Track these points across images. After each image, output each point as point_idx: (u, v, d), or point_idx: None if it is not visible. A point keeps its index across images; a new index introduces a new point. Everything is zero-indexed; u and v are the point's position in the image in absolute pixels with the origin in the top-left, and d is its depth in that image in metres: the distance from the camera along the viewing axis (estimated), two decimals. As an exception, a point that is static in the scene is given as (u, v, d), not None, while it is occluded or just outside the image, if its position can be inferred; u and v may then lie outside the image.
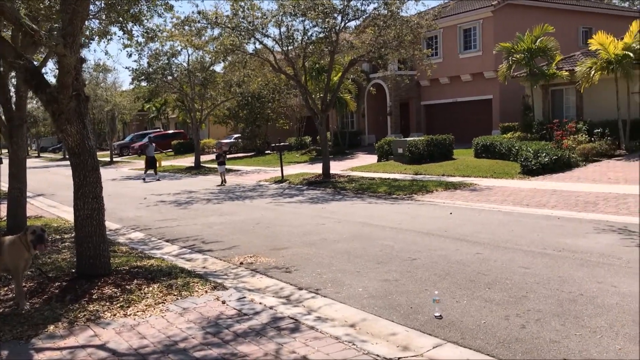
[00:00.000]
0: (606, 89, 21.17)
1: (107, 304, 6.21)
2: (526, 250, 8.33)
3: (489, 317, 5.56)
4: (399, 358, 4.73)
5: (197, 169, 29.95)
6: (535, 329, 5.22)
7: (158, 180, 24.48)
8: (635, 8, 31.79)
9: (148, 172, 25.76)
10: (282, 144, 23.93)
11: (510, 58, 24.15)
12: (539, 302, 5.92)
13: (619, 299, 5.92)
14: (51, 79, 13.46)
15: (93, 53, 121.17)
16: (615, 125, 20.57)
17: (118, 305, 6.18)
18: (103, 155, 48.59)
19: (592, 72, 20.21)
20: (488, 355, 4.73)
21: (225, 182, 21.78)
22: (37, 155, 65.65)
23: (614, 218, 10.79)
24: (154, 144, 27.23)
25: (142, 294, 6.56)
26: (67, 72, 6.16)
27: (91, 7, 12.67)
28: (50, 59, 12.30)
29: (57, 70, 6.59)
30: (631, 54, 19.57)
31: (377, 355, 4.77)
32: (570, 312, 5.58)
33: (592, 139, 20.21)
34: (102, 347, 5.12)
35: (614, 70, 19.95)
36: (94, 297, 6.41)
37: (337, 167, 24.30)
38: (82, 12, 5.93)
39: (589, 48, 21.75)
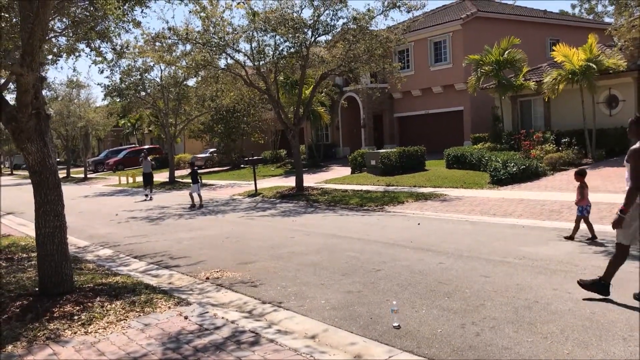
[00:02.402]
0: (572, 99, 21.68)
1: (68, 322, 6.19)
2: (488, 259, 8.49)
3: (446, 326, 5.68)
4: (354, 368, 4.81)
5: (172, 184, 29.83)
6: (490, 336, 5.34)
7: (150, 199, 22.54)
8: (600, 20, 32.62)
9: (147, 187, 23.73)
10: (255, 157, 23.89)
11: (479, 70, 24.60)
12: (495, 310, 6.05)
13: (572, 304, 6.08)
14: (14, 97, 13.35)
15: (60, 70, 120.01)
16: (581, 134, 21.04)
17: (79, 323, 6.16)
18: (77, 172, 48.16)
19: (557, 83, 20.70)
20: (441, 363, 4.84)
21: (201, 203, 18.71)
22: (10, 172, 64.71)
23: (576, 226, 11.01)
24: (149, 159, 25.03)
25: (104, 311, 6.55)
26: (26, 91, 6.18)
27: (58, 24, 12.69)
28: (11, 79, 12.24)
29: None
30: (594, 66, 20.07)
31: (333, 366, 4.84)
32: (525, 319, 5.72)
33: (560, 148, 20.63)
34: (59, 365, 5.11)
35: (579, 82, 20.45)
36: (55, 315, 6.39)
37: (311, 180, 24.42)
38: (40, 32, 5.97)
39: (555, 60, 22.27)
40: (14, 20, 9.63)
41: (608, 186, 15.48)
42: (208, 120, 36.74)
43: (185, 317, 6.34)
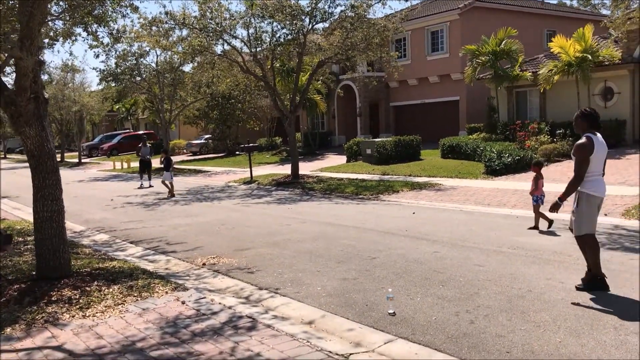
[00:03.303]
0: (568, 91, 21.75)
1: (66, 305, 6.25)
2: (482, 248, 8.58)
3: (440, 314, 5.76)
4: (350, 354, 4.88)
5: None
6: (483, 324, 5.43)
7: (151, 186, 21.64)
8: (597, 12, 32.63)
9: (144, 176, 22.69)
10: (250, 144, 23.87)
11: (475, 60, 24.61)
12: (489, 299, 6.13)
13: (565, 294, 6.17)
14: (12, 81, 13.32)
15: (57, 54, 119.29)
16: (576, 126, 21.10)
17: (77, 306, 6.22)
18: (71, 157, 48.00)
19: (552, 74, 20.75)
20: (436, 349, 4.91)
21: (172, 192, 18.08)
22: (3, 156, 64.42)
23: (569, 217, 11.10)
24: (149, 145, 23.81)
25: (101, 295, 6.60)
26: (25, 75, 6.18)
27: (55, 7, 12.61)
28: (9, 63, 12.20)
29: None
30: (589, 57, 20.13)
31: (330, 352, 4.91)
32: (518, 308, 5.80)
33: (555, 139, 20.71)
34: (58, 348, 5.17)
35: (575, 73, 20.51)
36: (53, 299, 6.44)
37: (307, 168, 24.46)
38: (39, 15, 5.96)
39: (551, 51, 22.31)
40: (11, 2, 9.59)
41: (602, 178, 15.58)
42: (203, 107, 36.66)
43: (183, 302, 6.40)
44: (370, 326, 5.55)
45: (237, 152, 36.82)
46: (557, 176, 16.71)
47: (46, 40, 13.74)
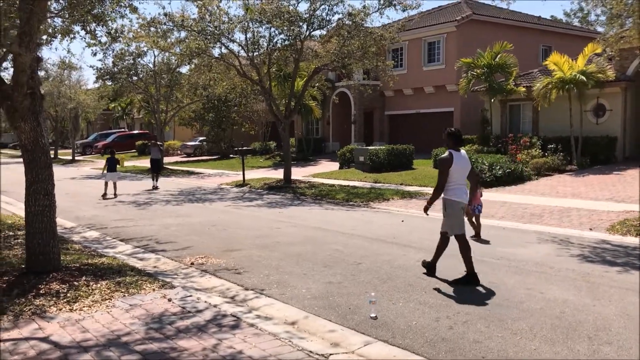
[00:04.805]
0: (561, 106, 21.97)
1: (54, 299, 6.34)
2: (467, 257, 8.70)
3: (421, 319, 5.89)
4: (330, 354, 5.00)
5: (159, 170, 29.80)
6: (462, 330, 5.56)
7: (157, 188, 20.69)
8: (592, 29, 32.96)
9: (154, 175, 21.64)
10: (244, 148, 23.98)
11: (470, 72, 24.85)
12: (469, 306, 6.27)
13: (544, 304, 6.31)
14: (9, 77, 13.40)
15: (54, 51, 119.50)
16: (568, 141, 21.37)
17: (65, 300, 6.31)
18: (65, 154, 47.91)
19: (549, 92, 20.97)
20: (413, 353, 5.04)
21: (115, 194, 18.02)
22: (-4, 151, 64.15)
23: (556, 230, 11.31)
24: (159, 144, 22.79)
25: (89, 290, 6.70)
26: (22, 71, 6.29)
27: (54, 4, 12.72)
28: (7, 58, 12.29)
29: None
30: (584, 78, 20.37)
31: (310, 352, 5.03)
32: (496, 316, 5.94)
33: (546, 153, 20.94)
34: (45, 339, 5.26)
35: (568, 90, 20.76)
36: (41, 292, 6.53)
37: (299, 173, 24.60)
38: (39, 12, 6.08)
39: (547, 67, 22.56)
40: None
41: (590, 193, 15.80)
42: (199, 109, 36.77)
43: (169, 300, 6.51)
44: (351, 328, 5.67)
45: (231, 155, 36.93)
46: (547, 190, 16.92)
47: (44, 37, 13.85)
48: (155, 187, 20.85)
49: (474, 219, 10.47)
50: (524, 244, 9.85)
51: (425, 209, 7.53)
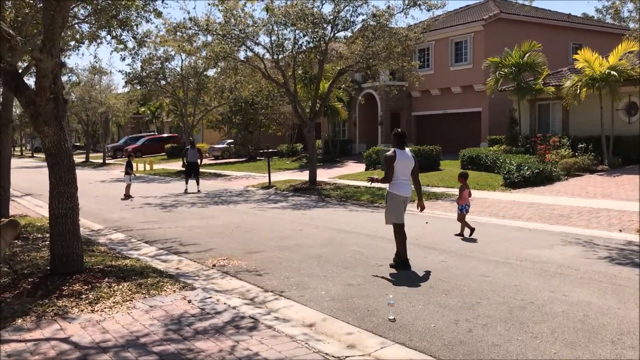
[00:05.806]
0: (591, 105, 21.51)
1: (76, 300, 6.44)
2: (490, 259, 8.59)
3: (440, 321, 5.81)
4: (345, 356, 4.97)
5: (188, 173, 30.13)
6: (481, 333, 5.47)
7: (199, 191, 20.30)
8: (624, 25, 32.26)
9: (190, 180, 21.15)
10: (270, 150, 24.07)
11: (497, 72, 24.53)
12: (490, 309, 6.17)
13: (567, 307, 6.18)
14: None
15: (82, 57, 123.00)
16: (598, 141, 20.92)
17: (87, 301, 6.41)
18: (96, 157, 48.81)
19: (578, 90, 20.54)
20: (430, 355, 4.97)
21: (127, 194, 18.65)
22: (31, 155, 65.76)
23: (583, 231, 11.08)
24: (196, 147, 22.05)
25: (111, 291, 6.79)
26: (45, 76, 6.42)
27: (81, 11, 12.98)
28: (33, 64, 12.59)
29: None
30: (616, 74, 19.89)
31: (326, 354, 5.01)
32: (517, 319, 5.83)
33: (576, 153, 20.53)
34: (65, 340, 5.34)
35: (599, 88, 20.32)
36: (64, 293, 6.64)
37: (325, 175, 24.59)
38: (60, 19, 6.19)
39: (575, 65, 22.12)
40: (39, 5, 9.92)
41: (621, 194, 15.44)
42: (226, 111, 37.09)
43: (189, 301, 6.55)
44: (369, 331, 5.63)
45: (259, 158, 37.15)
46: (576, 190, 16.59)
47: (72, 43, 14.14)
48: (198, 191, 20.41)
49: (466, 219, 10.80)
50: (550, 246, 9.66)
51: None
